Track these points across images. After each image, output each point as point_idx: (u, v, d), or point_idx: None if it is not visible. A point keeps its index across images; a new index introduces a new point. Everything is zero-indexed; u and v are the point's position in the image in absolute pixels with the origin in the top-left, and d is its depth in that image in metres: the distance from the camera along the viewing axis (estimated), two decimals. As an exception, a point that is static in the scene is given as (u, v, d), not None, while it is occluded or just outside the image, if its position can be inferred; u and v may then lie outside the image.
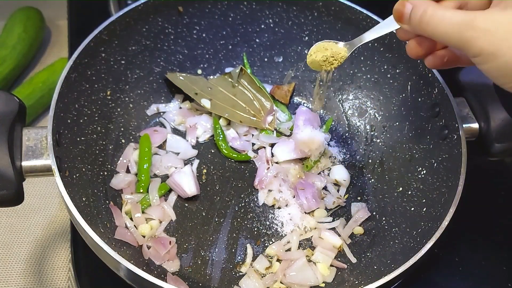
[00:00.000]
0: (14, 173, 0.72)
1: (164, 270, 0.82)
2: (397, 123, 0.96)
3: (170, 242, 0.83)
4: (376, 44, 0.96)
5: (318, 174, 0.94)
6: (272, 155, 0.97)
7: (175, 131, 1.00)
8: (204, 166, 0.95)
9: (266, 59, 1.07)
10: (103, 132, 0.92)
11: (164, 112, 1.01)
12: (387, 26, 0.71)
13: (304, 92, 1.06)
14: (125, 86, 0.97)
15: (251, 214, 0.90)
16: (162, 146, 0.97)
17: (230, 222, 0.88)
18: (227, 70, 1.04)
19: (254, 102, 0.99)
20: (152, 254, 0.82)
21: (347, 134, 1.02)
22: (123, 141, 0.95)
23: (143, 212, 0.86)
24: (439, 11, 0.60)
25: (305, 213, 0.90)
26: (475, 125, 0.85)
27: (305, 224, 0.89)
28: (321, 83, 0.83)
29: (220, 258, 0.84)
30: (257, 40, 1.05)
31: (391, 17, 0.69)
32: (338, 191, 0.94)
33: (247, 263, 0.84)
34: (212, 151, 0.97)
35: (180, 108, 1.02)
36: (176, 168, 0.93)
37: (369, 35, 0.75)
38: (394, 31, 0.71)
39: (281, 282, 0.81)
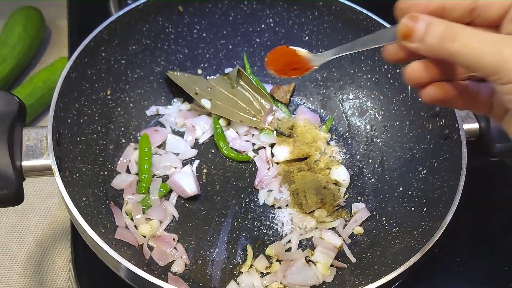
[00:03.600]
0: (14, 173, 0.71)
1: (165, 270, 0.81)
2: (398, 123, 0.96)
3: (173, 239, 0.84)
4: (376, 44, 0.96)
5: (318, 174, 0.94)
6: (272, 155, 0.97)
7: (175, 131, 1.00)
8: (204, 166, 0.95)
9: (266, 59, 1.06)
10: (103, 132, 0.92)
11: (163, 114, 1.00)
12: (373, 41, 0.60)
13: (304, 92, 1.06)
14: (125, 85, 0.97)
15: (251, 214, 0.90)
16: (162, 146, 0.97)
17: (231, 222, 0.88)
18: (227, 70, 1.04)
19: (254, 103, 0.99)
20: (156, 255, 0.82)
21: (347, 134, 1.02)
22: (123, 141, 0.95)
23: (143, 213, 0.86)
24: (466, 29, 0.53)
25: (306, 213, 0.90)
26: (475, 125, 0.85)
27: (306, 224, 0.89)
28: None
29: (220, 258, 0.84)
30: (258, 40, 1.05)
31: (381, 31, 0.59)
32: (338, 191, 0.94)
33: (247, 263, 0.84)
34: (212, 151, 0.97)
35: (180, 110, 1.02)
36: (175, 168, 0.93)
37: (341, 51, 0.64)
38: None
39: (280, 283, 0.81)
